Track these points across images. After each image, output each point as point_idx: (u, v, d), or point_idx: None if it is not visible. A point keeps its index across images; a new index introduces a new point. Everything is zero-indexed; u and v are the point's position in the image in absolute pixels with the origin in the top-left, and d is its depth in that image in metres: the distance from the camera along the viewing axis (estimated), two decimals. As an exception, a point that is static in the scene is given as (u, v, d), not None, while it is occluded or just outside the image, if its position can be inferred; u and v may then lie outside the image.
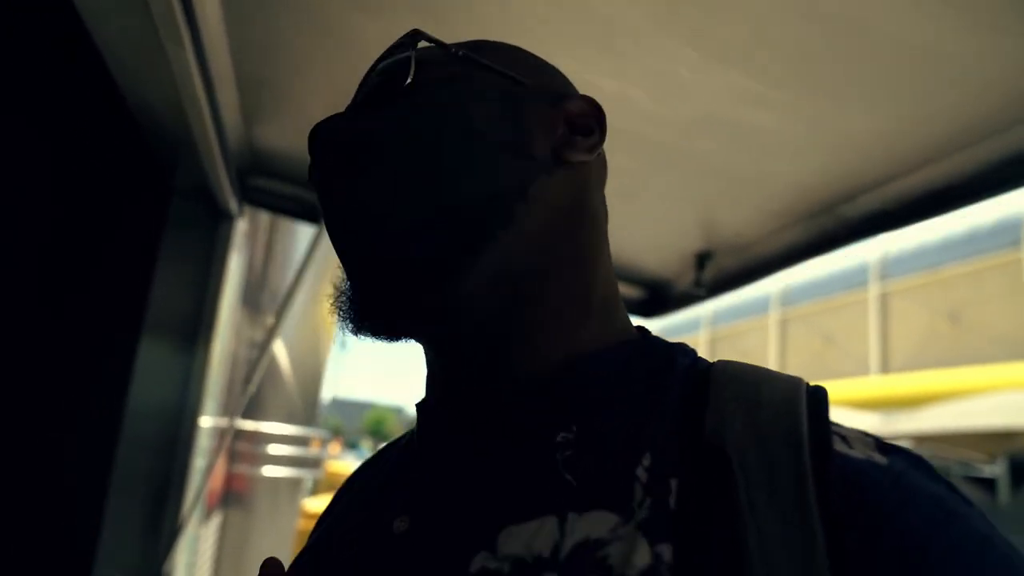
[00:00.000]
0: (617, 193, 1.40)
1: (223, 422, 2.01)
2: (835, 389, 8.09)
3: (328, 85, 1.23)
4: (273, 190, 1.62)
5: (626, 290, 1.75)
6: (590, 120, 0.51)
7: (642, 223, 1.47)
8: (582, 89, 0.56)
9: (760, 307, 12.20)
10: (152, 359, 1.50)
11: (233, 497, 2.64)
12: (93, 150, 1.46)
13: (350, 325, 0.45)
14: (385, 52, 0.51)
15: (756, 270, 1.49)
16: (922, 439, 6.77)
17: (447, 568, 0.39)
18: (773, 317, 11.89)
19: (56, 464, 1.39)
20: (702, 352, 0.50)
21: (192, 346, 1.57)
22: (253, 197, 1.62)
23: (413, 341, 0.48)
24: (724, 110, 1.06)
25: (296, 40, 1.13)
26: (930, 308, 9.28)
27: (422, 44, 0.49)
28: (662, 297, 1.74)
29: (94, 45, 0.98)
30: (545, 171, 0.47)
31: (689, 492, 0.37)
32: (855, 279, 10.57)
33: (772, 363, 11.64)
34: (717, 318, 13.14)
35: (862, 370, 9.75)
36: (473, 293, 0.44)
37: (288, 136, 1.47)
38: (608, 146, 0.52)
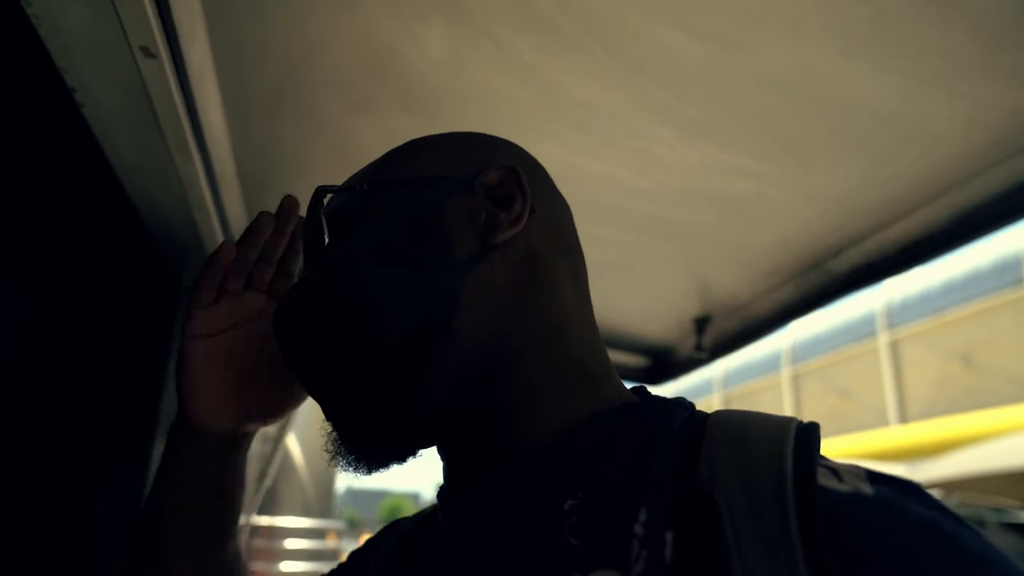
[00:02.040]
0: (612, 265, 1.45)
1: (244, 520, 1.99)
2: (857, 443, 7.96)
3: (327, 183, 1.29)
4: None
5: (630, 359, 1.77)
6: (509, 187, 0.50)
7: (639, 292, 1.51)
8: (568, 169, 0.59)
9: (772, 365, 12.12)
10: (166, 458, 1.50)
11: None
12: (104, 255, 1.52)
13: (345, 464, 0.49)
14: (307, 212, 0.55)
15: (755, 330, 1.52)
16: (951, 486, 6.62)
17: None
18: (785, 374, 11.80)
19: (73, 569, 1.39)
20: None
21: (205, 442, 1.58)
22: (259, 291, 1.67)
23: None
24: (704, 181, 1.11)
25: (295, 142, 1.20)
26: (942, 352, 9.22)
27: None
28: (666, 363, 1.77)
29: (104, 155, 1.05)
30: (474, 266, 0.48)
31: (684, 543, 0.37)
32: (863, 329, 10.54)
33: (789, 420, 11.44)
34: (729, 380, 13.05)
35: (880, 421, 9.61)
36: (440, 403, 0.47)
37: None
38: (597, 221, 0.55)
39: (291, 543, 3.22)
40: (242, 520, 1.83)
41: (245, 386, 0.63)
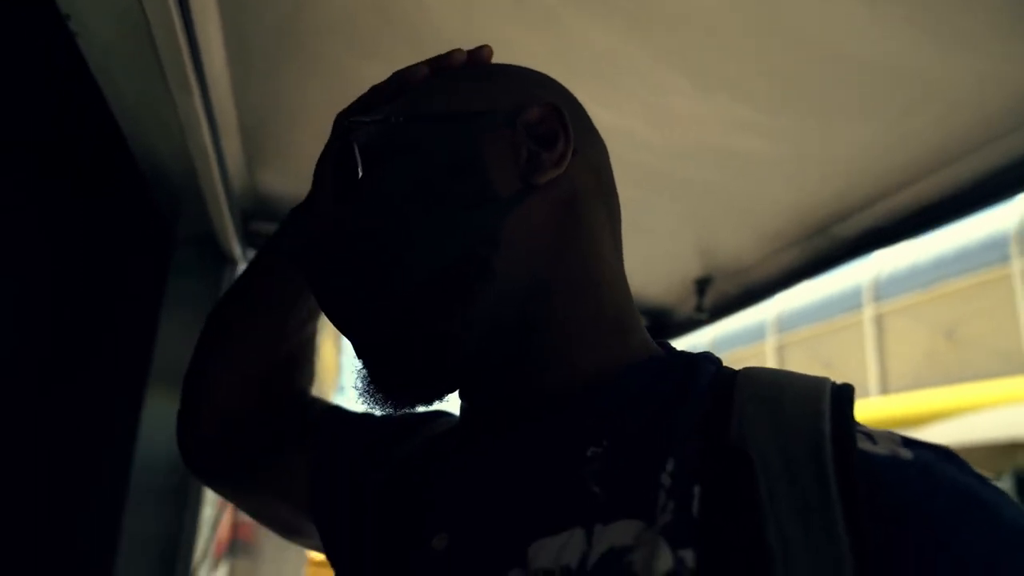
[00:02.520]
0: (616, 222, 1.41)
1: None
2: (837, 412, 8.09)
3: (329, 128, 1.26)
4: (276, 234, 1.64)
5: (628, 318, 1.76)
6: (553, 126, 0.48)
7: (641, 251, 1.50)
8: None
9: (757, 334, 12.22)
10: (159, 410, 1.49)
11: (240, 546, 2.61)
12: (97, 201, 1.49)
13: (372, 402, 0.48)
14: (331, 134, 0.53)
15: (756, 293, 1.51)
16: (927, 459, 6.73)
17: None
18: (770, 343, 11.91)
19: (65, 518, 1.38)
20: None
21: (198, 392, 1.57)
22: (257, 242, 1.64)
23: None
24: (716, 137, 1.09)
25: (297, 86, 1.16)
26: (926, 326, 9.32)
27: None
28: (665, 323, 1.76)
29: (101, 95, 1.01)
30: (515, 206, 0.46)
31: (712, 498, 0.37)
32: (850, 301, 10.62)
33: (772, 389, 11.58)
34: (715, 346, 13.17)
35: (862, 392, 9.74)
36: (473, 348, 0.46)
37: (291, 180, 1.50)
38: None
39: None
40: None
41: None
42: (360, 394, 0.48)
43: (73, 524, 1.39)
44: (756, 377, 0.43)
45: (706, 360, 0.47)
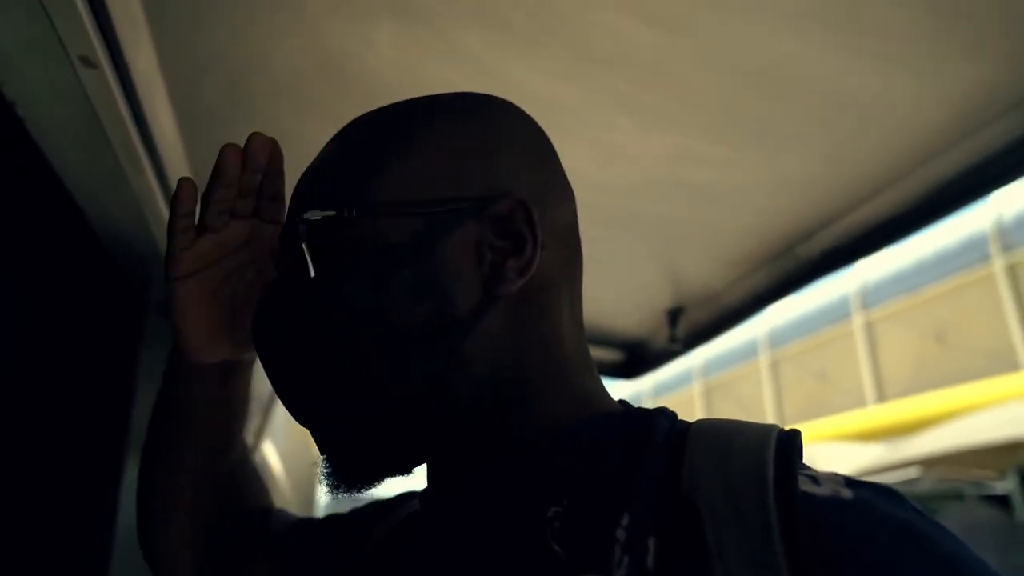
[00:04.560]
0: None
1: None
2: (835, 424, 8.01)
3: (288, 193, 1.26)
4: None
5: (604, 353, 1.76)
6: (519, 225, 0.45)
7: (610, 286, 1.50)
8: None
9: (750, 352, 12.23)
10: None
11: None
12: (64, 276, 1.48)
13: (338, 490, 0.48)
14: (282, 241, 0.50)
15: (728, 319, 1.51)
16: (930, 463, 6.72)
17: None
18: (764, 360, 11.91)
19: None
20: (698, 404, 0.51)
21: (177, 461, 1.55)
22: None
23: None
24: (668, 171, 1.10)
25: (253, 151, 1.17)
26: (916, 331, 9.35)
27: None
28: (641, 356, 1.76)
29: (54, 172, 1.01)
30: (476, 322, 0.45)
31: (665, 550, 0.38)
32: (839, 311, 10.66)
33: (768, 406, 11.57)
34: (708, 368, 13.15)
35: (859, 403, 9.73)
36: (433, 440, 0.47)
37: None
38: None
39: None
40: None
41: (238, 315, 0.60)
42: (326, 483, 0.49)
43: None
44: (707, 429, 0.44)
45: (661, 415, 0.47)
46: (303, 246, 0.46)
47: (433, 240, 0.45)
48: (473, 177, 0.47)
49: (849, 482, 0.39)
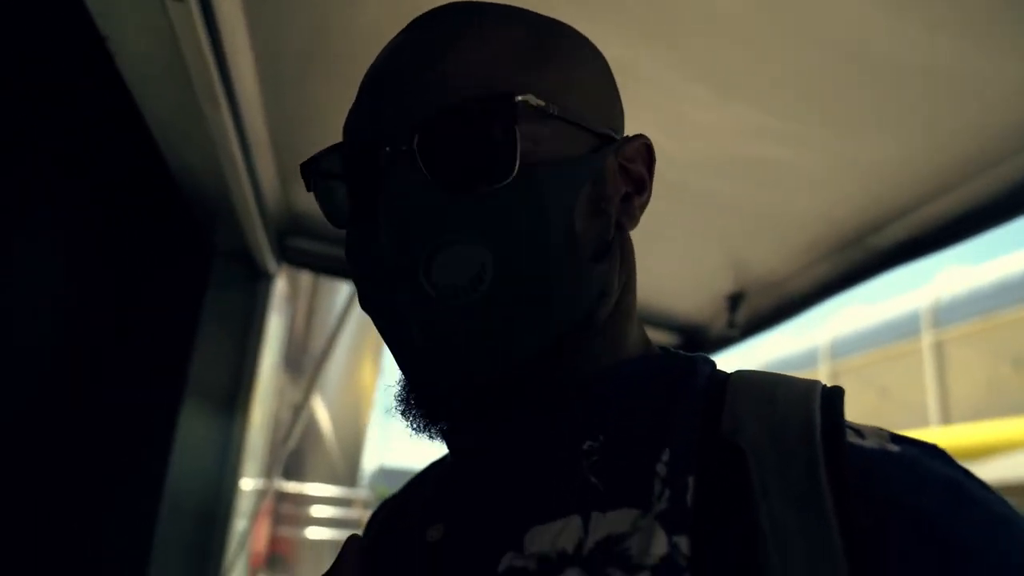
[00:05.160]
0: (643, 236, 1.41)
1: (264, 483, 2.02)
2: (894, 442, 7.74)
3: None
4: (310, 250, 1.67)
5: (660, 336, 1.73)
6: (642, 166, 0.48)
7: (671, 267, 1.48)
8: None
9: (809, 360, 11.90)
10: (193, 422, 1.52)
11: (278, 559, 2.63)
12: (137, 212, 1.54)
13: (408, 420, 0.45)
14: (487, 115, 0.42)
15: (789, 308, 1.47)
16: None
17: (477, 569, 0.41)
18: (823, 370, 11.56)
19: (98, 530, 1.41)
20: None
21: (232, 408, 1.59)
22: (291, 257, 1.67)
23: None
24: (740, 147, 1.07)
25: (326, 104, 1.19)
26: (990, 354, 8.92)
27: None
28: (698, 341, 1.73)
29: (138, 111, 1.05)
30: (615, 253, 0.46)
31: (706, 488, 0.38)
32: (907, 327, 10.26)
33: (826, 418, 11.22)
34: (765, 373, 12.79)
35: (921, 422, 9.36)
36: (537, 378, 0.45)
37: (324, 197, 1.53)
38: None
39: (318, 510, 3.28)
40: (268, 484, 1.85)
41: None
42: (400, 407, 0.45)
43: (107, 532, 1.42)
44: (749, 378, 0.44)
45: (702, 361, 0.47)
46: (515, 129, 0.41)
47: (602, 163, 0.45)
48: (614, 115, 0.49)
49: (895, 438, 0.39)
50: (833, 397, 0.40)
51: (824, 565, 0.33)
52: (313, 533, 3.43)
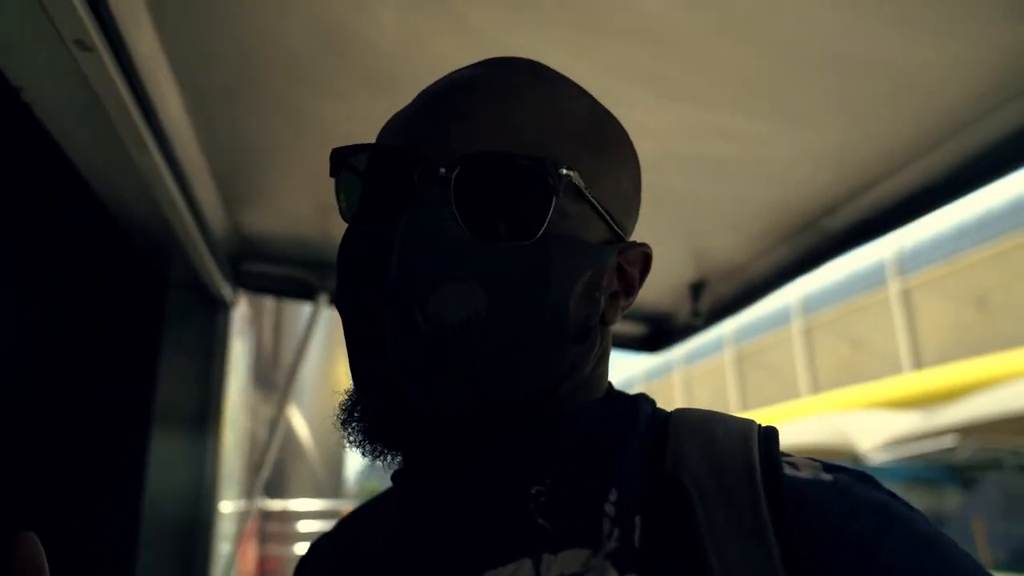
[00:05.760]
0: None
1: (245, 504, 2.00)
2: (869, 392, 7.90)
3: (303, 168, 1.25)
4: (267, 273, 1.64)
5: (627, 328, 1.74)
6: (635, 272, 0.48)
7: (631, 260, 1.47)
8: None
9: (782, 318, 12.08)
10: (165, 451, 1.51)
11: (267, 580, 2.62)
12: (85, 258, 1.49)
13: (351, 439, 0.44)
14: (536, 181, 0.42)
15: (751, 293, 1.48)
16: (968, 431, 6.59)
17: None
18: (796, 327, 11.76)
19: (79, 561, 1.39)
20: (729, 372, 0.51)
21: (203, 433, 1.58)
22: (247, 282, 1.64)
23: None
24: (687, 144, 1.06)
25: (262, 128, 1.16)
26: (955, 297, 9.13)
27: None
28: (664, 330, 1.73)
29: (67, 156, 1.01)
30: (594, 342, 0.46)
31: (653, 526, 0.39)
32: (874, 278, 10.45)
33: (801, 373, 11.44)
34: (740, 335, 13.02)
35: (895, 370, 9.57)
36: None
37: (274, 220, 1.50)
38: None
39: (304, 525, 3.27)
40: (250, 505, 1.84)
41: None
42: (352, 438, 0.44)
43: (87, 563, 1.40)
44: (688, 417, 0.45)
45: (643, 400, 0.49)
46: (552, 197, 0.41)
47: (608, 256, 0.46)
48: (631, 215, 0.50)
49: (827, 467, 0.41)
50: (769, 435, 0.42)
51: None
52: (302, 549, 3.40)
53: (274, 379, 2.64)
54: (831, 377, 10.71)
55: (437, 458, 0.46)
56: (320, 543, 0.58)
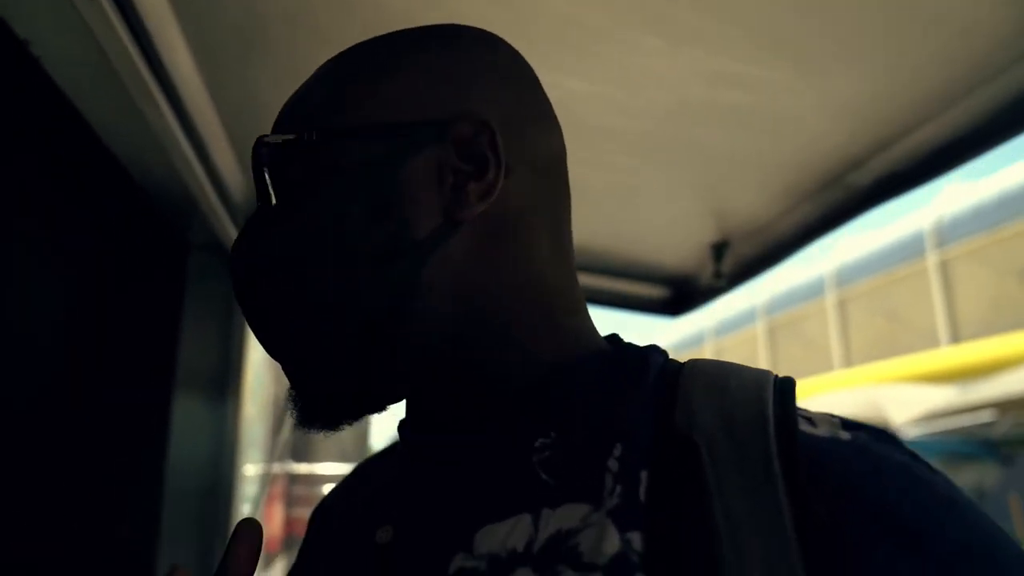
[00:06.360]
0: (614, 191, 1.37)
1: (269, 467, 2.04)
2: (905, 365, 7.76)
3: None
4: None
5: (648, 290, 1.71)
6: (480, 146, 0.44)
7: (651, 219, 1.44)
8: (551, 91, 0.51)
9: (816, 290, 11.88)
10: (187, 413, 1.53)
11: (294, 541, 2.67)
12: (104, 217, 1.51)
13: (307, 425, 0.47)
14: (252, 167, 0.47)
15: (776, 253, 1.44)
16: (1006, 406, 6.44)
17: (427, 572, 0.41)
18: (830, 299, 11.55)
19: (103, 527, 1.42)
20: (762, 344, 0.49)
21: (224, 395, 1.60)
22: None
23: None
24: (703, 93, 1.03)
25: (275, 87, 1.15)
26: (996, 269, 8.88)
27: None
28: (686, 293, 1.70)
29: (78, 111, 1.01)
30: (436, 246, 0.43)
31: (659, 482, 0.37)
32: (912, 249, 10.20)
33: (835, 346, 11.27)
34: (773, 306, 12.85)
35: (931, 343, 9.37)
36: (404, 372, 0.45)
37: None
38: (590, 145, 0.49)
39: (329, 489, 3.32)
40: (276, 468, 1.86)
41: None
42: (296, 419, 0.47)
43: (112, 526, 1.43)
44: (702, 368, 0.43)
45: (654, 352, 0.47)
46: (264, 171, 0.45)
47: (392, 163, 0.43)
48: (440, 103, 0.45)
49: (845, 424, 0.39)
50: (785, 387, 0.40)
51: (779, 560, 0.33)
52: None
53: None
54: (865, 350, 10.53)
55: (436, 413, 0.47)
56: (329, 496, 0.60)
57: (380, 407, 0.48)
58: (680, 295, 1.71)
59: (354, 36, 0.99)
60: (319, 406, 0.46)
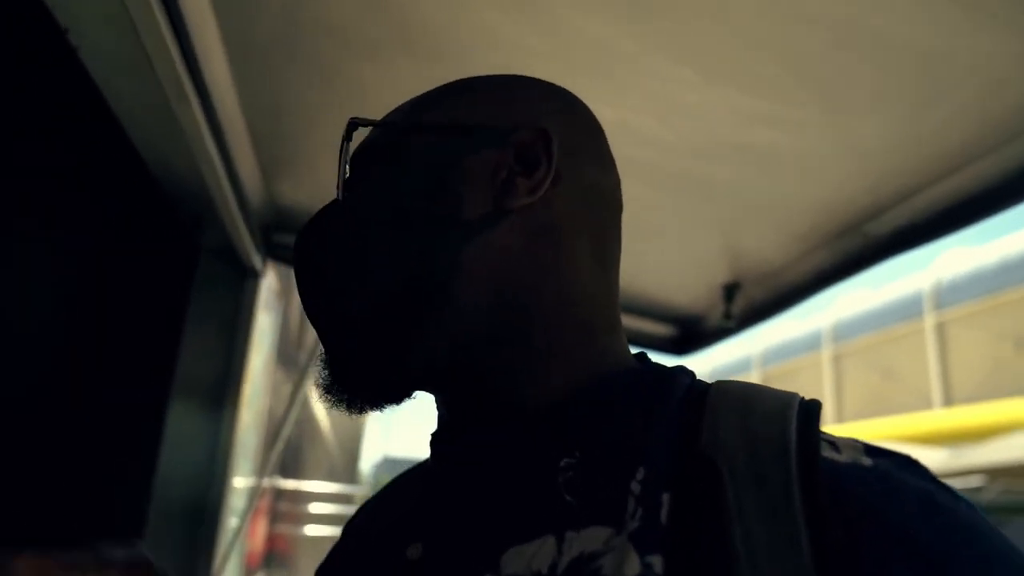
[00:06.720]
0: (633, 224, 1.37)
1: (258, 481, 2.00)
2: (897, 425, 7.75)
3: (339, 138, 1.24)
4: (297, 246, 1.63)
5: (655, 327, 1.70)
6: (536, 151, 0.47)
7: (664, 255, 1.44)
8: None
9: (812, 343, 11.87)
10: (182, 420, 1.50)
11: (276, 557, 2.62)
12: (117, 211, 1.50)
13: (328, 399, 0.49)
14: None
15: (787, 298, 1.44)
16: (996, 473, 6.41)
17: None
18: (826, 353, 11.54)
19: (88, 527, 1.39)
20: None
21: (221, 406, 1.57)
22: (278, 254, 1.64)
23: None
24: (732, 131, 1.03)
25: (304, 94, 1.16)
26: (992, 334, 8.89)
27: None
28: (693, 332, 1.69)
29: (110, 110, 1.02)
30: (481, 231, 0.46)
31: (681, 505, 0.37)
32: (909, 309, 10.23)
33: (828, 401, 11.23)
34: (768, 357, 12.82)
35: (924, 404, 9.34)
36: (432, 362, 0.47)
37: (309, 192, 1.49)
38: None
39: (316, 507, 3.28)
40: (264, 482, 1.83)
41: None
42: (320, 389, 0.49)
43: (96, 529, 1.40)
44: (728, 390, 0.43)
45: (681, 372, 0.47)
46: (347, 149, 0.50)
47: (457, 153, 0.48)
48: (511, 118, 0.49)
49: (868, 450, 0.39)
50: (810, 411, 0.40)
51: None
52: (312, 530, 3.43)
53: (298, 358, 2.65)
54: (859, 407, 10.50)
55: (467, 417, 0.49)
56: (360, 511, 0.60)
57: (403, 392, 0.49)
58: (687, 334, 1.70)
59: (390, 49, 1.00)
60: (348, 376, 0.48)
